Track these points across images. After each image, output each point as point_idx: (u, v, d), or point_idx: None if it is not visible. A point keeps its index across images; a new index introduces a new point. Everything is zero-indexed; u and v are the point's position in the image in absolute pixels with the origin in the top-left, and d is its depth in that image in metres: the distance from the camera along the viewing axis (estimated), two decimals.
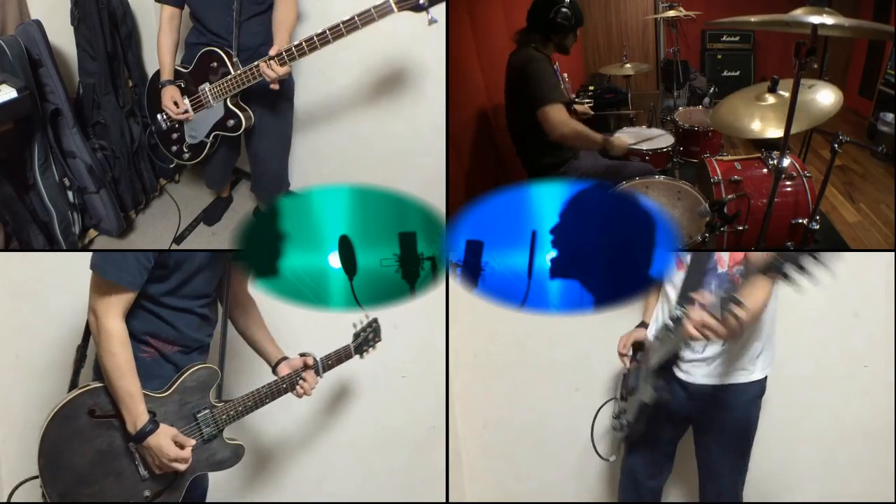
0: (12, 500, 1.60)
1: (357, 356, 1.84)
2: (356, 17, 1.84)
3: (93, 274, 1.51)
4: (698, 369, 1.79)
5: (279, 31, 2.32)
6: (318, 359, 1.78)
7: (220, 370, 1.65)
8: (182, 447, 1.53)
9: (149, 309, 1.57)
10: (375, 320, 1.86)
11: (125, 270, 1.49)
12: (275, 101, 2.45)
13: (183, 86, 2.39)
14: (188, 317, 1.62)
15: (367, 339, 1.84)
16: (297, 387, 1.75)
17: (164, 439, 1.50)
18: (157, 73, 2.47)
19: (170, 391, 1.56)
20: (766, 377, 1.82)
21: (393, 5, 1.78)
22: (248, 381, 1.80)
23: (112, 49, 2.62)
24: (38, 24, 2.35)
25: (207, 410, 1.60)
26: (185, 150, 2.53)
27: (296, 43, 2.02)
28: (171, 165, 2.86)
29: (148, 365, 1.55)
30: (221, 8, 2.28)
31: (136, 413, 1.48)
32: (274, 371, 1.79)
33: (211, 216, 3.07)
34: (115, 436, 1.51)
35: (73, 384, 1.62)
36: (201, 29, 2.36)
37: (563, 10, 2.65)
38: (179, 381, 1.57)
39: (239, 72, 2.21)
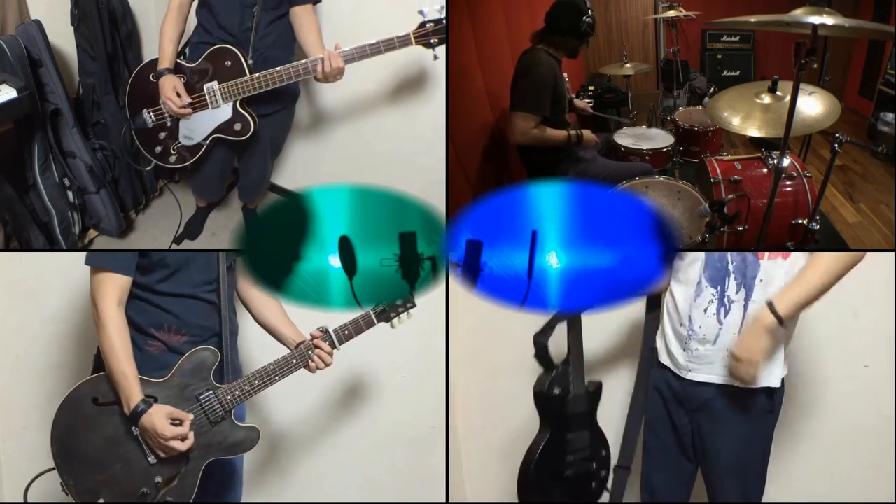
0: (30, 490, 1.63)
1: (383, 324, 1.71)
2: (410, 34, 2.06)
3: (90, 270, 1.57)
4: (701, 364, 1.67)
5: (314, 41, 2.25)
6: (331, 330, 1.71)
7: (221, 352, 1.63)
8: (180, 424, 1.53)
9: (148, 300, 1.60)
10: None
11: (114, 257, 1.56)
12: (278, 107, 2.38)
13: (183, 80, 2.25)
14: (192, 303, 1.63)
15: (393, 304, 1.71)
16: (310, 361, 1.68)
17: (158, 418, 1.50)
18: (148, 64, 2.32)
19: (168, 376, 1.57)
20: (782, 382, 1.67)
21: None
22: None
23: (112, 49, 2.62)
24: (38, 24, 2.35)
25: (210, 392, 1.58)
26: (173, 151, 2.36)
27: (362, 44, 2.08)
28: (149, 167, 2.66)
29: (156, 358, 1.58)
30: (237, 6, 2.22)
31: (129, 394, 1.51)
32: None
33: (192, 230, 2.97)
34: (119, 422, 1.54)
35: None
36: (209, 26, 2.27)
37: (587, 19, 2.67)
38: (178, 365, 1.58)
39: (266, 72, 2.11)
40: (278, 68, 2.13)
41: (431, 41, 2.05)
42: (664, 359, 1.78)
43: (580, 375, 1.88)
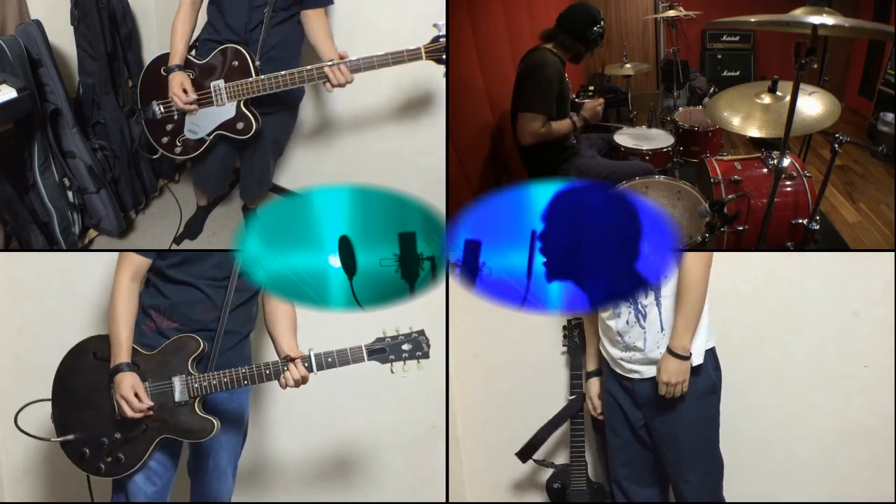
0: (22, 415, 1.81)
1: (380, 363, 1.70)
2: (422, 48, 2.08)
3: (118, 254, 1.76)
4: (639, 364, 1.83)
5: (325, 41, 2.28)
6: (312, 354, 1.71)
7: (210, 346, 1.75)
8: (140, 400, 1.67)
9: (153, 283, 1.77)
10: (421, 332, 1.70)
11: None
12: (280, 108, 2.40)
13: (192, 76, 2.29)
14: (191, 292, 1.74)
15: (397, 344, 1.69)
16: (282, 376, 1.71)
17: (127, 381, 1.66)
18: (160, 58, 2.37)
19: (155, 352, 1.74)
20: (708, 353, 1.82)
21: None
22: None
23: (112, 49, 2.63)
24: (38, 24, 2.35)
25: (182, 376, 1.71)
26: (178, 143, 2.41)
27: (370, 55, 2.10)
28: (156, 156, 2.63)
29: (146, 336, 1.74)
30: (246, 6, 2.24)
31: (118, 355, 1.69)
32: None
33: (192, 229, 2.97)
34: (105, 377, 1.72)
35: None
36: (217, 24, 2.30)
37: (598, 28, 2.69)
38: (165, 344, 1.74)
39: (272, 75, 2.14)
40: (284, 72, 2.14)
41: (443, 57, 2.06)
42: (613, 366, 1.91)
43: (582, 474, 2.24)
